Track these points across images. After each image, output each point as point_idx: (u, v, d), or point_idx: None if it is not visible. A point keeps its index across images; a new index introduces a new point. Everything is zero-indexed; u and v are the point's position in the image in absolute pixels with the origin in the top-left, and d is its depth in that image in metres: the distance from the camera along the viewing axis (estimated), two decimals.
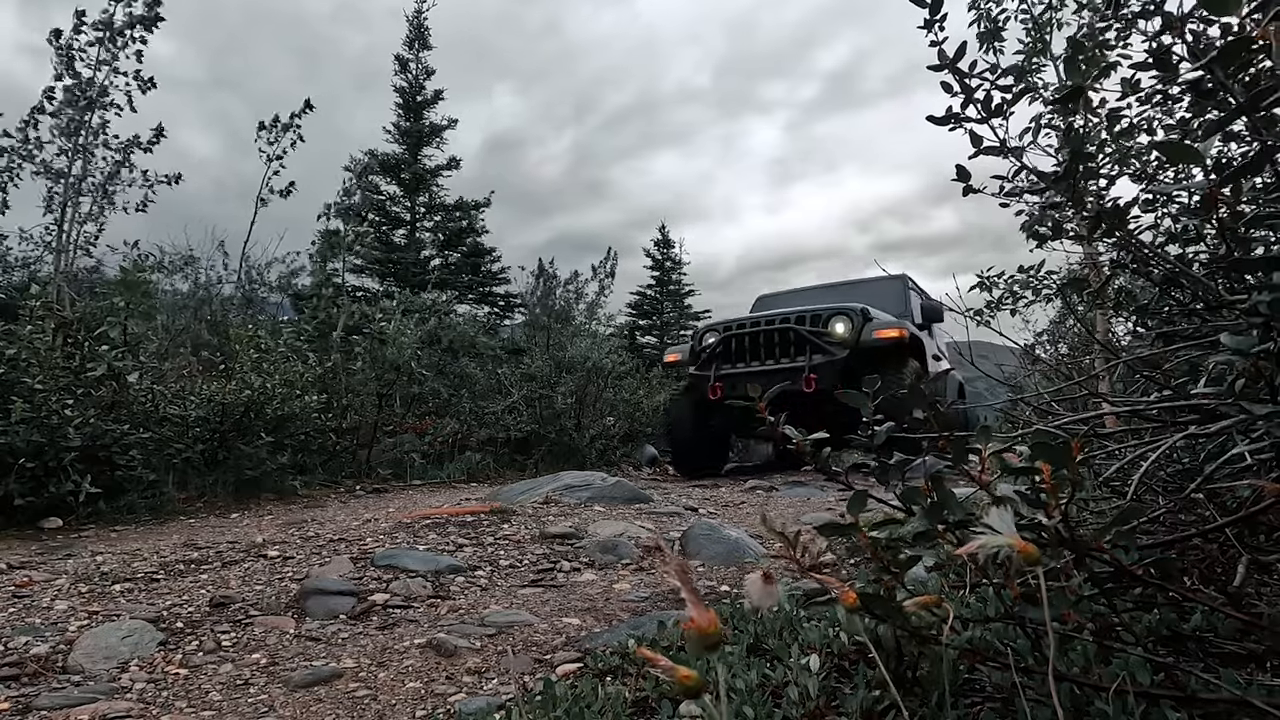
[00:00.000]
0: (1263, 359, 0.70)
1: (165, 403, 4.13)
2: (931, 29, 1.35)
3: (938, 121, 1.36)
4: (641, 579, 2.11)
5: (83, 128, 6.29)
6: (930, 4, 1.32)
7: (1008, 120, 1.33)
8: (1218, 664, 0.78)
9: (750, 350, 6.22)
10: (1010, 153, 1.36)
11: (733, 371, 6.24)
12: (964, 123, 1.34)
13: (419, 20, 13.97)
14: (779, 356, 6.07)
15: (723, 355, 6.30)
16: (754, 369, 6.16)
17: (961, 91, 1.32)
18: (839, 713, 0.86)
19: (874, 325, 5.82)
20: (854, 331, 5.80)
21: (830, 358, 5.74)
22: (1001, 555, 0.58)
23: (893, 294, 7.36)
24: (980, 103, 1.31)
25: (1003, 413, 2.72)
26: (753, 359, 6.20)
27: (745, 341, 6.27)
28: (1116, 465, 1.03)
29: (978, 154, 1.37)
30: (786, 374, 5.90)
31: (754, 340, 6.25)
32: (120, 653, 1.50)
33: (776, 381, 5.78)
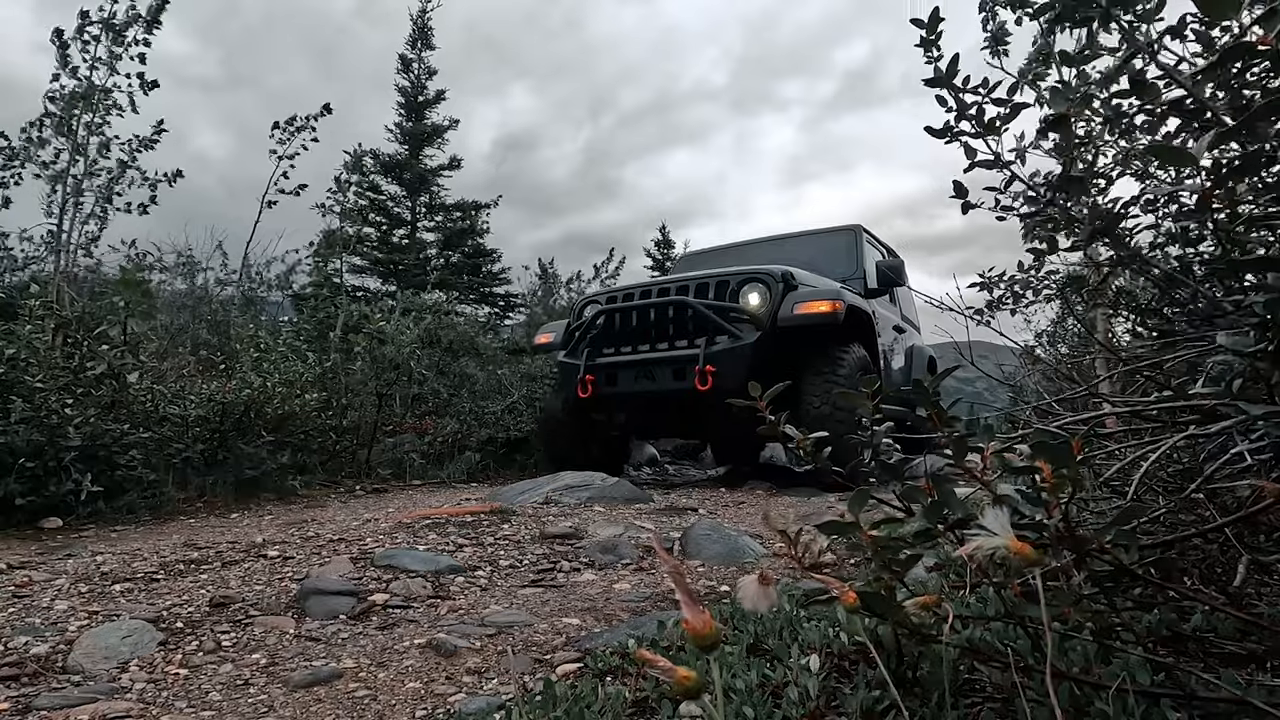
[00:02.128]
0: (1260, 360, 0.70)
1: (165, 402, 4.13)
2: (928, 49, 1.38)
3: (935, 134, 1.39)
4: (642, 579, 2.11)
5: (83, 127, 6.29)
6: (927, 24, 1.35)
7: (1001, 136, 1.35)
8: (1218, 664, 0.78)
9: (636, 331, 4.68)
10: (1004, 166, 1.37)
11: (606, 361, 4.69)
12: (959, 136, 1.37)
13: (422, 20, 13.98)
14: (672, 340, 4.53)
15: (604, 337, 4.79)
16: (632, 357, 4.61)
17: (956, 107, 1.34)
18: (839, 713, 0.86)
19: (798, 297, 4.31)
20: (771, 305, 4.29)
21: (736, 342, 4.24)
22: (998, 556, 0.58)
23: (840, 250, 5.79)
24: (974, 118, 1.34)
25: (1003, 412, 2.72)
26: (639, 343, 4.66)
27: (630, 319, 4.72)
28: (1116, 465, 1.03)
29: (972, 166, 1.39)
30: (674, 365, 4.40)
31: (640, 317, 4.68)
32: (120, 653, 1.50)
33: (660, 375, 4.42)
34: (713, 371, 4.17)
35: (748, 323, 4.30)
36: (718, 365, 4.19)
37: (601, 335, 4.81)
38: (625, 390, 4.55)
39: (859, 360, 4.38)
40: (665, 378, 4.40)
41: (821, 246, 5.87)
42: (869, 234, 6.07)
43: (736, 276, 4.52)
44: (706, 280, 4.59)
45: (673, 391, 4.39)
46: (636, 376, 4.50)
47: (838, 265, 5.54)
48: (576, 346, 4.85)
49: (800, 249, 5.83)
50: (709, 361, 4.20)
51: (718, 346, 4.27)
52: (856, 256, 5.74)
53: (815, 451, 1.00)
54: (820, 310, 4.21)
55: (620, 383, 4.57)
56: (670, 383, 4.37)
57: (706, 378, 4.15)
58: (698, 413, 4.71)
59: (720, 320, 4.32)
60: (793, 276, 4.46)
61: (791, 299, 4.31)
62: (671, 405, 4.64)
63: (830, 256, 5.67)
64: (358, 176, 11.44)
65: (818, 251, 5.73)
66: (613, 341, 4.77)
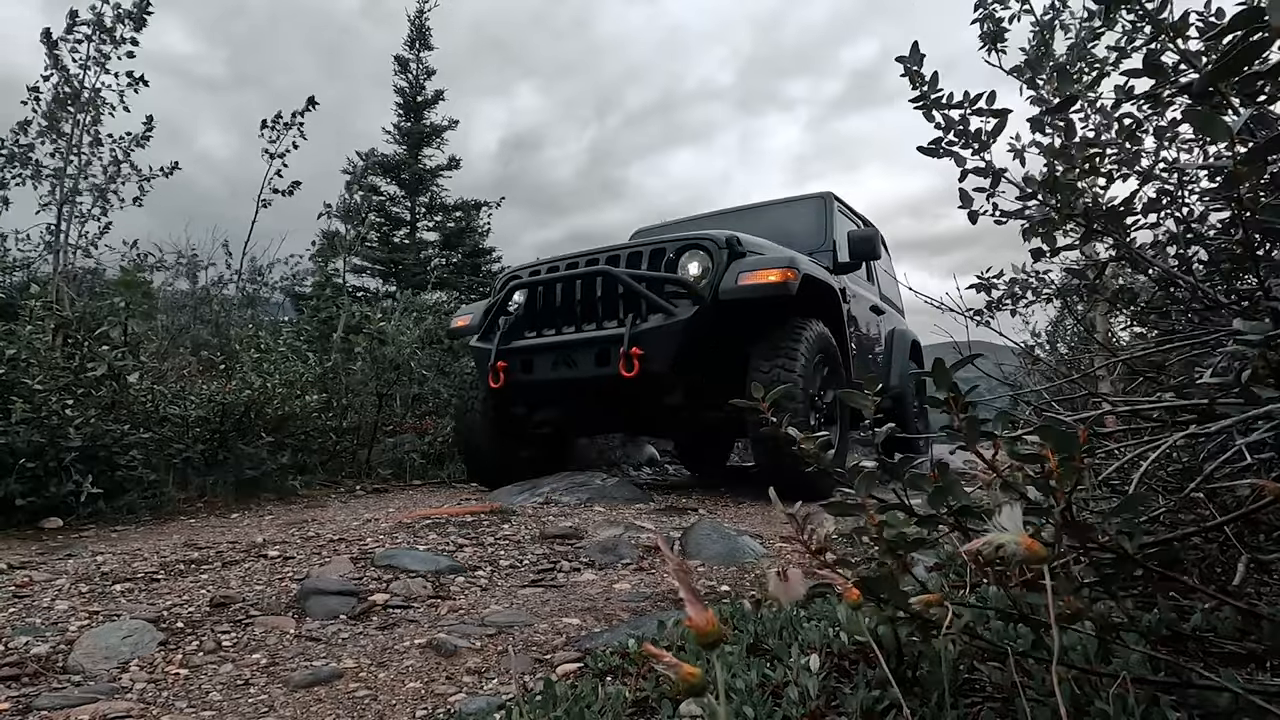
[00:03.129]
0: (1272, 348, 0.70)
1: (165, 403, 4.13)
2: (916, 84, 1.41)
3: (927, 152, 1.42)
4: (642, 579, 2.11)
5: (75, 126, 6.29)
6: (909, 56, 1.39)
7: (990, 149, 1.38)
8: (1218, 663, 0.78)
9: (559, 309, 3.98)
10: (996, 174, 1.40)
11: (521, 345, 3.98)
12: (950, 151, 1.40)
13: (420, 21, 13.98)
14: (600, 319, 3.83)
15: (524, 318, 4.11)
16: (550, 340, 3.92)
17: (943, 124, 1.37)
18: (839, 712, 0.86)
19: (744, 266, 3.63)
20: (712, 275, 3.63)
21: (668, 319, 3.56)
22: (1008, 552, 0.58)
23: (808, 220, 5.14)
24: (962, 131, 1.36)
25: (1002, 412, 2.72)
26: (564, 323, 3.97)
27: (552, 295, 4.01)
28: (1116, 465, 1.03)
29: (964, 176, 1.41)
30: (596, 347, 3.72)
31: (564, 293, 3.96)
32: (120, 653, 1.50)
33: (582, 359, 3.75)
34: (639, 354, 3.48)
35: (686, 297, 3.62)
36: (645, 347, 3.50)
37: (521, 316, 4.13)
38: (543, 379, 3.90)
39: (818, 340, 3.80)
40: (587, 363, 3.73)
41: (788, 217, 5.23)
42: (840, 202, 5.42)
43: (674, 243, 3.83)
44: (639, 249, 3.87)
45: (595, 379, 3.73)
46: (555, 362, 3.85)
47: (805, 236, 4.93)
48: (490, 329, 4.16)
49: (766, 220, 5.22)
50: (635, 342, 3.51)
51: (646, 325, 3.58)
52: (825, 226, 5.07)
53: (816, 455, 1.00)
54: (769, 281, 3.50)
55: (537, 370, 3.91)
56: (592, 368, 3.70)
57: (632, 362, 3.47)
58: (635, 404, 4.10)
59: (650, 294, 3.62)
60: (739, 242, 3.76)
61: (736, 268, 3.60)
62: (600, 395, 4.00)
63: (797, 227, 5.05)
64: (365, 182, 11.46)
65: (784, 222, 5.13)
66: (533, 322, 4.07)
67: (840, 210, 5.37)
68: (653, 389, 3.83)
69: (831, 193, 5.35)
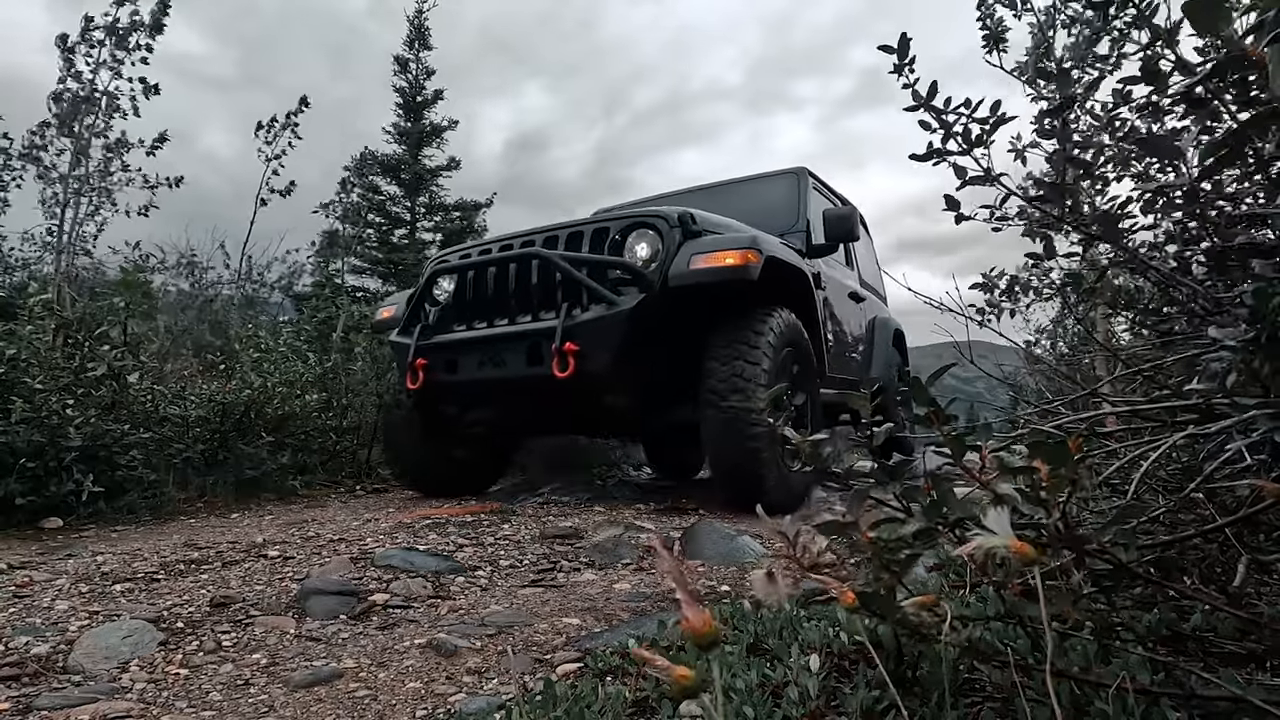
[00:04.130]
0: (1251, 351, 0.70)
1: (165, 403, 4.13)
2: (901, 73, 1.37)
3: (920, 159, 1.38)
4: (642, 579, 2.11)
5: (86, 130, 6.30)
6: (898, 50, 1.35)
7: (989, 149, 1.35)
8: (1217, 663, 0.78)
9: (490, 299, 3.46)
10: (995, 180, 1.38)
11: (444, 340, 3.50)
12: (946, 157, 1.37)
13: (420, 21, 13.98)
14: (536, 309, 3.32)
15: (452, 309, 3.62)
16: (476, 334, 3.41)
17: (940, 128, 1.34)
18: (839, 712, 0.86)
19: (698, 247, 3.14)
20: (662, 259, 3.14)
21: (610, 310, 3.06)
22: (999, 556, 0.58)
23: (780, 197, 4.62)
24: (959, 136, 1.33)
25: (1003, 411, 2.71)
26: (496, 315, 3.45)
27: (482, 283, 3.48)
28: (1116, 465, 1.03)
29: (963, 185, 1.39)
30: (527, 343, 3.21)
31: (495, 281, 3.44)
32: (121, 653, 1.50)
33: (512, 357, 3.23)
34: (575, 351, 2.98)
35: (633, 284, 3.11)
36: (583, 342, 3.00)
37: (449, 307, 3.62)
38: (468, 379, 3.39)
39: (785, 332, 3.32)
40: (517, 361, 3.21)
41: (759, 195, 4.74)
42: (816, 179, 4.91)
43: (619, 222, 3.31)
44: (580, 228, 3.36)
45: (527, 379, 3.20)
46: (482, 361, 3.34)
47: (777, 216, 4.41)
48: (413, 322, 3.65)
49: (736, 199, 4.72)
50: (570, 337, 3.00)
51: (583, 317, 3.07)
52: (798, 205, 4.53)
53: (815, 455, 1.00)
54: (726, 264, 3.01)
55: (462, 369, 3.40)
56: (523, 367, 3.19)
57: (566, 360, 2.97)
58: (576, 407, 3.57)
59: (589, 281, 3.11)
60: (694, 220, 3.25)
61: (689, 250, 3.10)
62: (534, 398, 3.46)
63: (768, 206, 4.53)
64: (365, 180, 11.45)
65: (755, 201, 4.64)
66: (461, 314, 3.56)
67: (816, 188, 4.83)
68: (592, 390, 3.26)
69: (806, 169, 4.80)
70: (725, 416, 3.01)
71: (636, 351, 3.14)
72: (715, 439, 3.08)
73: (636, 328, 3.08)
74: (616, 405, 3.41)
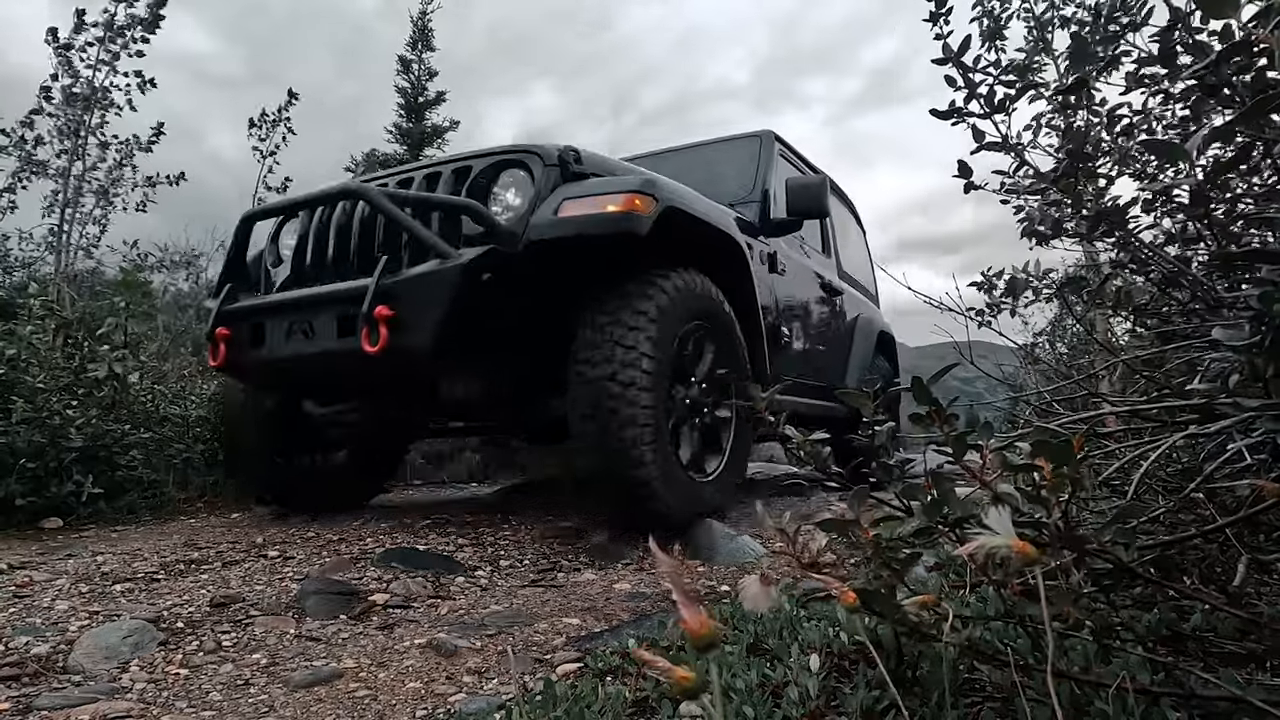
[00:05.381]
0: (1255, 354, 0.70)
1: (166, 403, 4.13)
2: (936, 22, 1.36)
3: (941, 115, 1.36)
4: (642, 578, 2.11)
5: (81, 127, 6.30)
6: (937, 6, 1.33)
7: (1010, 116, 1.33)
8: (1217, 663, 0.78)
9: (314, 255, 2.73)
10: (1012, 149, 1.36)
11: (246, 306, 2.72)
12: (967, 117, 1.35)
13: (423, 22, 13.98)
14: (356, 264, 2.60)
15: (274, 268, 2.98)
16: (281, 297, 2.68)
17: (965, 86, 1.32)
18: (839, 712, 0.86)
19: (571, 192, 2.44)
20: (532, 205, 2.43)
21: (441, 266, 2.32)
22: (1000, 555, 0.58)
23: (738, 163, 3.98)
24: (984, 98, 1.32)
25: (1003, 412, 2.71)
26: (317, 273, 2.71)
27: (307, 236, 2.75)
28: (1116, 465, 1.03)
29: (980, 149, 1.37)
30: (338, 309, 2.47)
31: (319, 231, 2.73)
32: (121, 653, 1.50)
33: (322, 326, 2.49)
34: (389, 318, 2.21)
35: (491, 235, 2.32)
36: (400, 307, 2.24)
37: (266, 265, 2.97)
38: (276, 355, 2.58)
39: (688, 305, 2.55)
40: (327, 331, 2.43)
41: (717, 162, 4.09)
42: (784, 145, 4.25)
43: (483, 159, 2.58)
44: (439, 168, 2.63)
45: (339, 355, 2.42)
46: (290, 331, 2.55)
47: (732, 184, 3.79)
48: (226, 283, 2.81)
49: (692, 166, 4.04)
50: (386, 299, 2.24)
51: (404, 275, 2.31)
52: (756, 172, 3.86)
53: (815, 455, 1.00)
54: (605, 212, 2.29)
55: (269, 342, 2.58)
56: (333, 339, 2.41)
57: (377, 331, 2.21)
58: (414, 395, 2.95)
59: (418, 226, 2.33)
60: (577, 159, 2.51)
61: (562, 194, 2.38)
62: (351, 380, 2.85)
63: (725, 173, 3.90)
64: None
65: (712, 168, 4.00)
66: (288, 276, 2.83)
67: (783, 155, 4.18)
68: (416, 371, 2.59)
69: (772, 132, 4.13)
70: (588, 403, 2.28)
71: (481, 322, 2.41)
72: (577, 432, 2.35)
73: (478, 291, 2.29)
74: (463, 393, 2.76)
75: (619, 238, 2.34)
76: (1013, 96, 1.27)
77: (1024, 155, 1.35)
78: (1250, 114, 0.72)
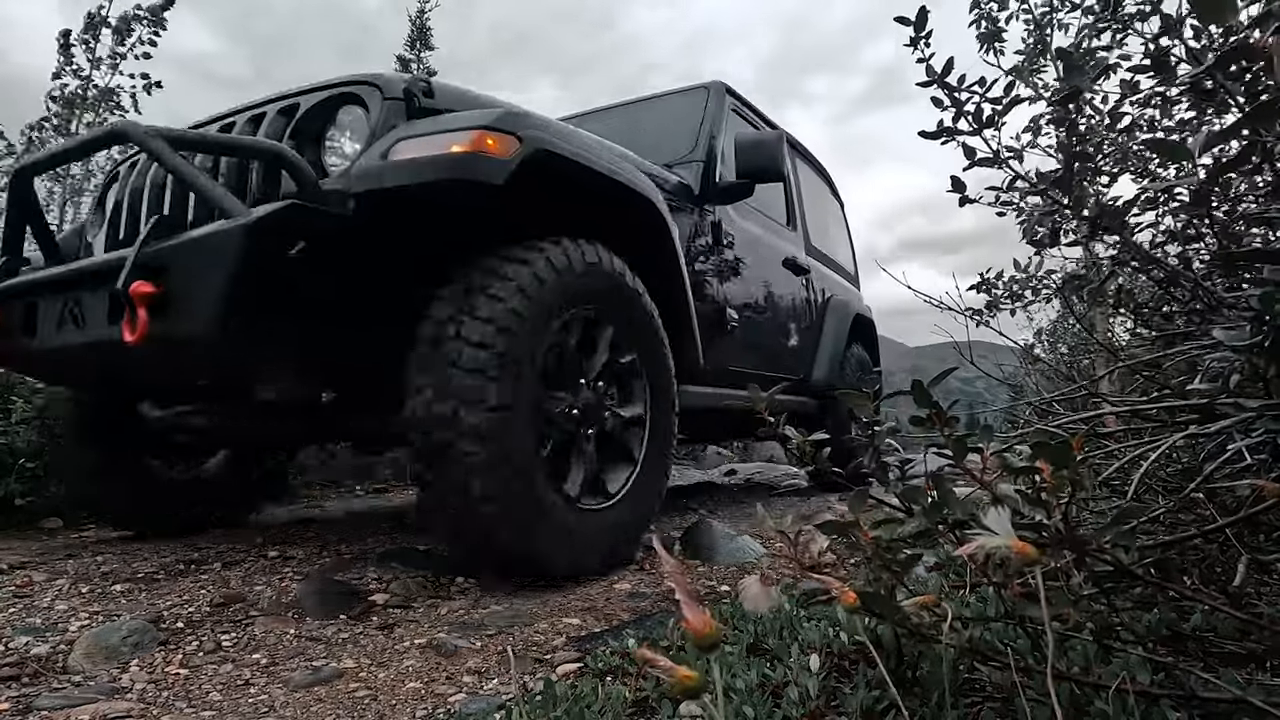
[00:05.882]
0: (1256, 354, 0.70)
1: None
2: (917, 46, 1.36)
3: (930, 136, 1.36)
4: (642, 578, 2.11)
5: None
6: (915, 22, 1.34)
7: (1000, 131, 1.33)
8: (1218, 663, 0.78)
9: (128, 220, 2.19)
10: (1004, 163, 1.36)
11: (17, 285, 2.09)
12: (956, 136, 1.35)
13: (421, 21, 13.97)
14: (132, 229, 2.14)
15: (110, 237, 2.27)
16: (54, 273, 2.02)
17: (951, 105, 1.32)
18: (839, 712, 0.86)
19: (410, 131, 1.83)
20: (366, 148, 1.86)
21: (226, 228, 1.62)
22: (1000, 555, 0.58)
23: (682, 118, 3.45)
24: (971, 115, 1.32)
25: (1003, 412, 2.71)
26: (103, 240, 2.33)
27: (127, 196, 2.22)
28: (1116, 465, 1.03)
29: (971, 166, 1.37)
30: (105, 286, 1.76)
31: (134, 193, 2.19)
32: (121, 653, 1.50)
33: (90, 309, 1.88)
34: (150, 296, 1.65)
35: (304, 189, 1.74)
36: (169, 284, 1.68)
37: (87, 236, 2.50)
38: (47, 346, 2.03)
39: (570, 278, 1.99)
40: (97, 316, 1.87)
41: (662, 119, 3.57)
42: (738, 98, 3.71)
43: (313, 94, 2.05)
44: (263, 109, 2.11)
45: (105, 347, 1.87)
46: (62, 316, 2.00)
47: (674, 142, 3.30)
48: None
49: (634, 125, 3.62)
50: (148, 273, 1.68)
51: (174, 241, 1.75)
52: (700, 128, 3.33)
53: (815, 455, 0.99)
54: (444, 155, 1.74)
55: (41, 330, 2.03)
56: (104, 327, 1.84)
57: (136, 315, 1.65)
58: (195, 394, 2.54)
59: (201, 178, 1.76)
60: (428, 91, 1.98)
61: (395, 135, 1.85)
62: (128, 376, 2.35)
63: (668, 132, 3.40)
64: None
65: (657, 126, 3.52)
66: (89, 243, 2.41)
67: (736, 110, 3.65)
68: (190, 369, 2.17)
69: (723, 83, 3.60)
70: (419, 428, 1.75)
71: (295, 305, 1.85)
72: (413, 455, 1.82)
73: (280, 262, 1.69)
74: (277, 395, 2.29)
75: (469, 189, 1.75)
76: (1000, 112, 1.28)
77: (1016, 169, 1.35)
78: (1254, 117, 0.72)
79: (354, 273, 1.93)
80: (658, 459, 2.34)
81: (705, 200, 3.10)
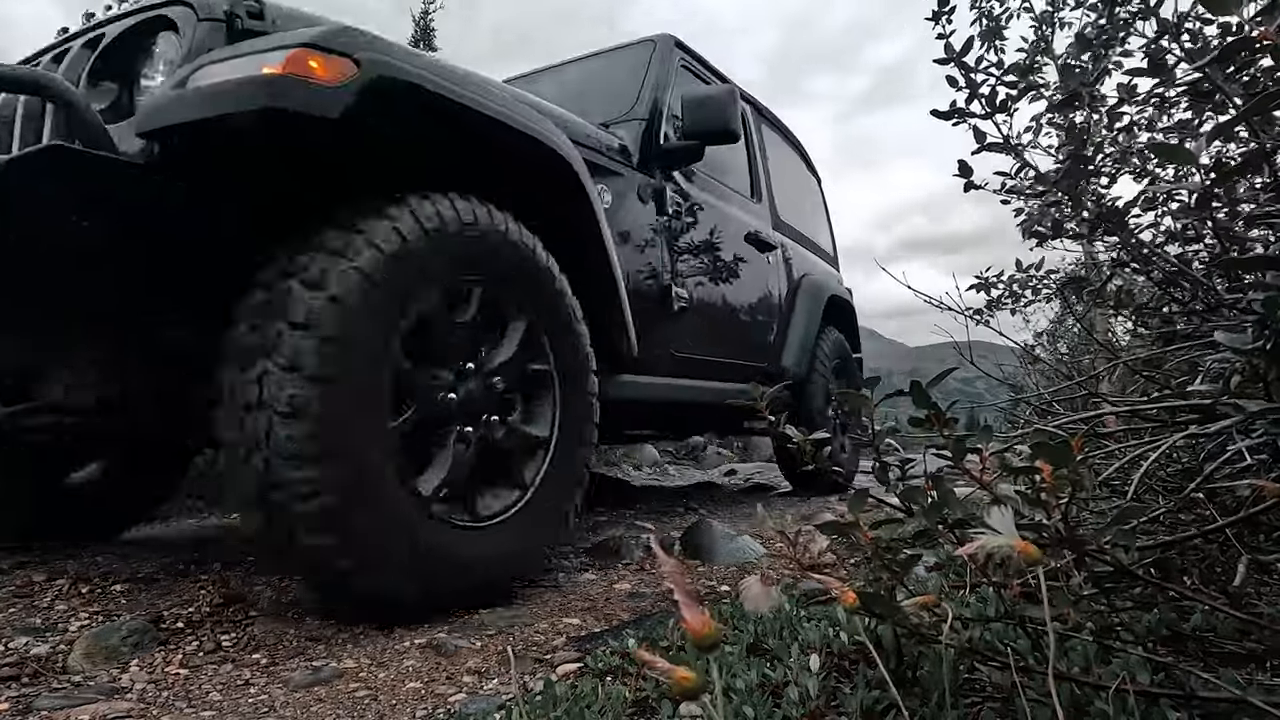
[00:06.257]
0: (1257, 357, 0.70)
1: None
2: (939, 21, 1.36)
3: (942, 115, 1.36)
4: (642, 579, 2.11)
5: None
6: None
7: (1011, 117, 1.33)
8: (1217, 663, 0.78)
9: None
10: (1013, 149, 1.36)
11: None
12: (968, 118, 1.35)
13: (425, 22, 13.98)
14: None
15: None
16: None
17: (966, 86, 1.32)
18: (839, 712, 0.86)
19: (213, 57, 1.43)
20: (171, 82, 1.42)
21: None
22: (1001, 555, 0.58)
23: (626, 75, 3.10)
24: (984, 98, 1.31)
25: (1003, 412, 2.71)
26: None
27: None
28: (1116, 465, 1.03)
29: (981, 149, 1.37)
30: None
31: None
32: (121, 653, 1.50)
33: None
34: None
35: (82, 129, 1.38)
36: None
37: None
38: None
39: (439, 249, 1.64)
40: None
41: (607, 77, 3.26)
42: (690, 54, 3.36)
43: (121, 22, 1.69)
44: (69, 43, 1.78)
45: None
46: None
47: (619, 102, 2.94)
48: None
49: (578, 83, 3.34)
50: None
51: None
52: (644, 83, 2.98)
53: (816, 455, 0.99)
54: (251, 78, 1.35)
55: None
56: None
57: None
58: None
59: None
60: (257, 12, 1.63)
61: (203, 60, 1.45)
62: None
63: (612, 90, 3.06)
64: None
65: (601, 84, 3.22)
66: None
67: (686, 66, 3.30)
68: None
69: (672, 36, 3.27)
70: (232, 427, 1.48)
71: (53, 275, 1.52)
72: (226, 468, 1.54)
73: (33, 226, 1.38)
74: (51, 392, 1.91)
75: (291, 124, 1.39)
76: (1014, 97, 1.27)
77: (1024, 156, 1.35)
78: (1252, 111, 0.72)
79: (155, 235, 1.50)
80: (561, 483, 1.99)
81: (647, 164, 2.75)
